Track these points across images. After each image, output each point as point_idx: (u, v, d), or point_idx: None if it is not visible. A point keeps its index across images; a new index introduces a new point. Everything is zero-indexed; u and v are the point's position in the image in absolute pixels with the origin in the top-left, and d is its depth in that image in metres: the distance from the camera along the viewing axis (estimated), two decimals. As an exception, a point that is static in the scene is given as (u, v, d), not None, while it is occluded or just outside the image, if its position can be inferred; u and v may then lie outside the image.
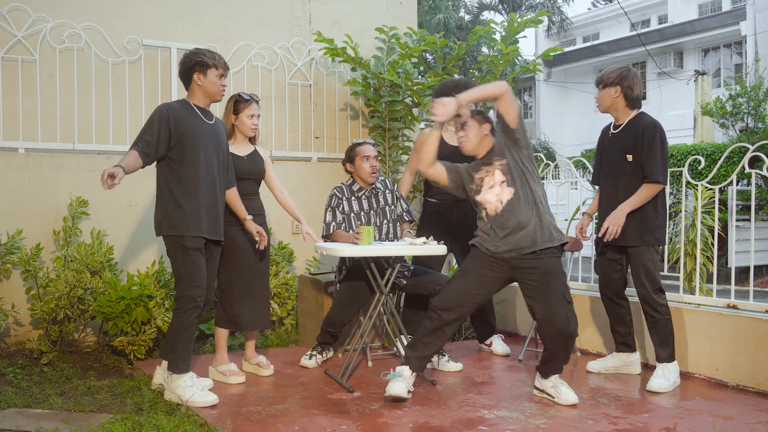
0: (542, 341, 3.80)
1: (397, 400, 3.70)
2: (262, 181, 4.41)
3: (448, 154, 4.31)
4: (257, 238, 4.08)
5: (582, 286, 5.33)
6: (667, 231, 6.36)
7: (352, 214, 4.53)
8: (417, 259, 4.83)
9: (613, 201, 4.16)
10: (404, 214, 4.66)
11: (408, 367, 3.78)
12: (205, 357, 4.71)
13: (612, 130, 4.28)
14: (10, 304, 4.83)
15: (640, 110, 4.22)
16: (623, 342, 4.42)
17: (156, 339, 4.73)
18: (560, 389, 3.77)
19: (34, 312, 4.71)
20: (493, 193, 3.76)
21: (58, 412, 3.70)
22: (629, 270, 4.30)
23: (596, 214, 4.52)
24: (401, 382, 3.72)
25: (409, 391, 3.75)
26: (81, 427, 3.38)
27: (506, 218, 3.70)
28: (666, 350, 4.12)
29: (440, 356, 4.47)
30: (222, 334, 4.29)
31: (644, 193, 4.06)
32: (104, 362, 4.74)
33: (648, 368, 4.63)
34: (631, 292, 4.42)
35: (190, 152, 3.76)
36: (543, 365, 3.84)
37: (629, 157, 4.10)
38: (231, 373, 4.21)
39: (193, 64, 3.81)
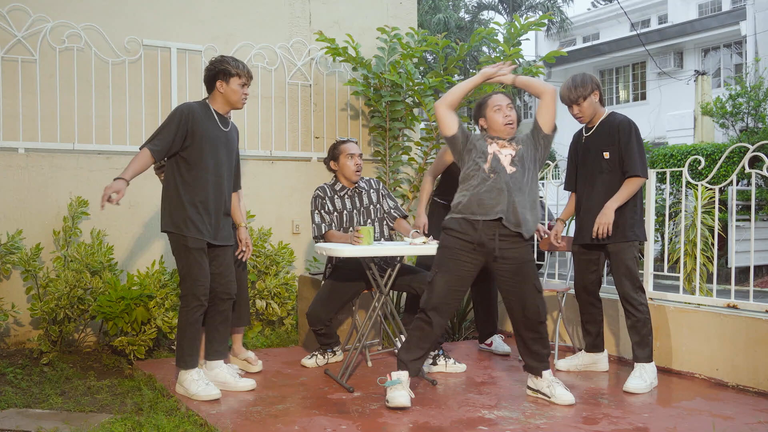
0: (513, 328, 3.79)
1: (402, 409, 3.63)
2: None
3: None
4: (243, 248, 4.12)
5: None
6: (668, 231, 6.39)
7: (335, 213, 4.53)
8: (420, 259, 4.85)
9: (592, 201, 4.17)
10: (392, 210, 4.65)
11: (406, 372, 3.71)
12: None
13: (585, 134, 4.30)
14: (10, 304, 4.83)
15: (609, 110, 4.26)
16: (593, 344, 4.45)
17: (156, 339, 4.74)
18: (555, 389, 3.76)
19: (34, 312, 4.72)
20: (502, 156, 3.74)
21: (58, 412, 3.70)
22: (606, 269, 4.33)
23: (570, 219, 4.54)
24: (402, 390, 3.65)
25: (411, 398, 3.70)
26: (81, 427, 3.38)
27: (505, 185, 3.65)
28: (645, 350, 4.10)
29: (447, 359, 4.47)
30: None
31: (628, 188, 4.06)
32: (104, 362, 4.74)
33: (621, 362, 4.68)
34: (609, 290, 4.44)
35: (201, 156, 3.80)
36: (527, 361, 3.81)
37: (606, 155, 4.12)
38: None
39: (217, 72, 3.86)
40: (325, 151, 6.16)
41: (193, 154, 3.79)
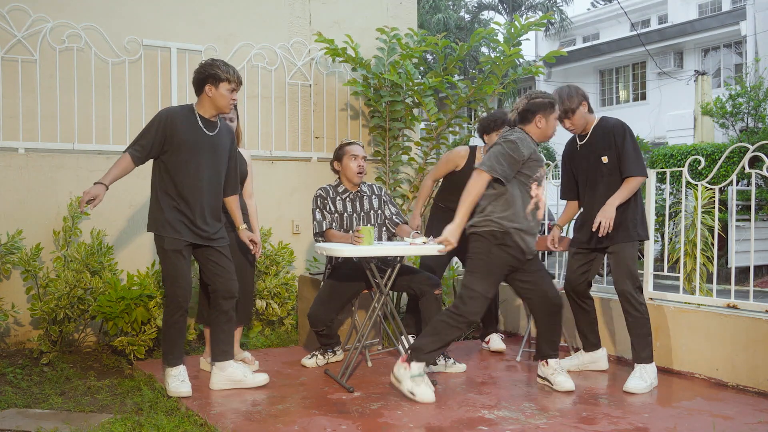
0: (537, 323, 3.99)
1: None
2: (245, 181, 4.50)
3: (465, 180, 4.52)
4: (250, 247, 4.18)
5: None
6: (668, 231, 6.38)
7: (336, 215, 4.54)
8: (423, 262, 4.87)
9: (596, 206, 4.17)
10: (394, 216, 4.67)
11: (424, 363, 3.79)
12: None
13: (579, 141, 4.31)
14: (10, 304, 4.83)
15: (599, 115, 4.29)
16: (590, 342, 4.48)
17: (156, 339, 4.73)
18: (557, 378, 3.96)
19: (34, 312, 4.71)
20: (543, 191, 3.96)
21: (58, 412, 3.70)
22: (605, 270, 4.36)
23: (568, 223, 4.60)
24: (430, 386, 3.77)
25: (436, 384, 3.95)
26: (81, 427, 3.38)
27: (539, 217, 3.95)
28: (645, 351, 4.12)
29: (446, 359, 4.47)
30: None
31: (629, 187, 4.08)
32: (104, 362, 4.74)
33: (620, 362, 4.68)
34: (609, 290, 4.44)
35: (180, 160, 3.85)
36: (543, 348, 4.04)
37: (604, 159, 4.15)
38: None
39: (207, 76, 3.86)
40: (326, 151, 6.18)
41: (172, 159, 3.84)
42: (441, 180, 5.06)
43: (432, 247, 4.08)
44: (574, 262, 4.38)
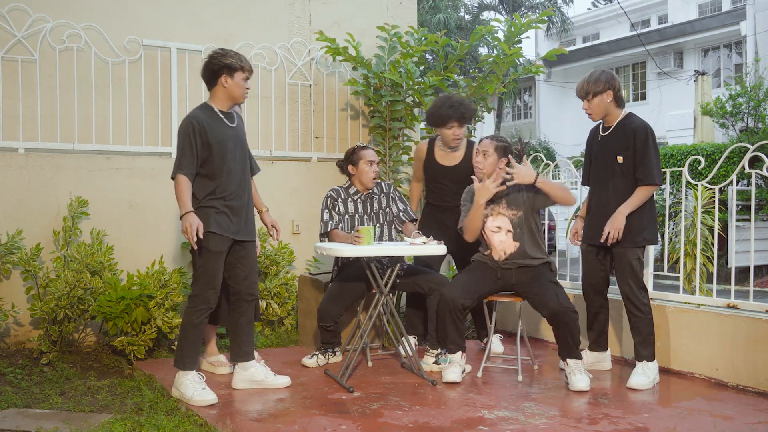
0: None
1: (452, 384, 4.11)
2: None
3: (434, 174, 4.77)
4: (272, 232, 4.16)
5: (568, 285, 5.36)
6: (668, 231, 6.38)
7: (347, 216, 4.55)
8: (417, 259, 4.86)
9: (604, 203, 4.17)
10: (401, 213, 4.66)
11: (459, 352, 4.22)
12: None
13: (601, 132, 4.27)
14: (10, 304, 4.83)
15: (627, 111, 4.22)
16: (596, 342, 4.48)
17: (156, 339, 4.74)
18: (573, 376, 4.03)
19: (34, 312, 4.71)
20: (498, 239, 4.23)
21: (58, 412, 3.70)
22: (612, 270, 4.34)
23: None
24: (455, 367, 4.16)
25: (464, 371, 4.26)
26: (81, 427, 3.38)
27: (508, 262, 4.25)
28: (647, 349, 4.14)
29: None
30: (210, 329, 4.41)
31: (641, 195, 4.06)
32: (104, 362, 4.74)
33: (623, 362, 4.67)
34: (611, 290, 4.48)
35: (219, 160, 3.78)
36: (560, 351, 4.17)
37: (620, 159, 4.09)
38: (219, 364, 4.37)
39: (221, 67, 3.77)
40: (326, 151, 6.18)
41: (213, 162, 3.77)
42: (426, 181, 5.06)
43: (432, 248, 4.09)
44: (588, 260, 4.37)
